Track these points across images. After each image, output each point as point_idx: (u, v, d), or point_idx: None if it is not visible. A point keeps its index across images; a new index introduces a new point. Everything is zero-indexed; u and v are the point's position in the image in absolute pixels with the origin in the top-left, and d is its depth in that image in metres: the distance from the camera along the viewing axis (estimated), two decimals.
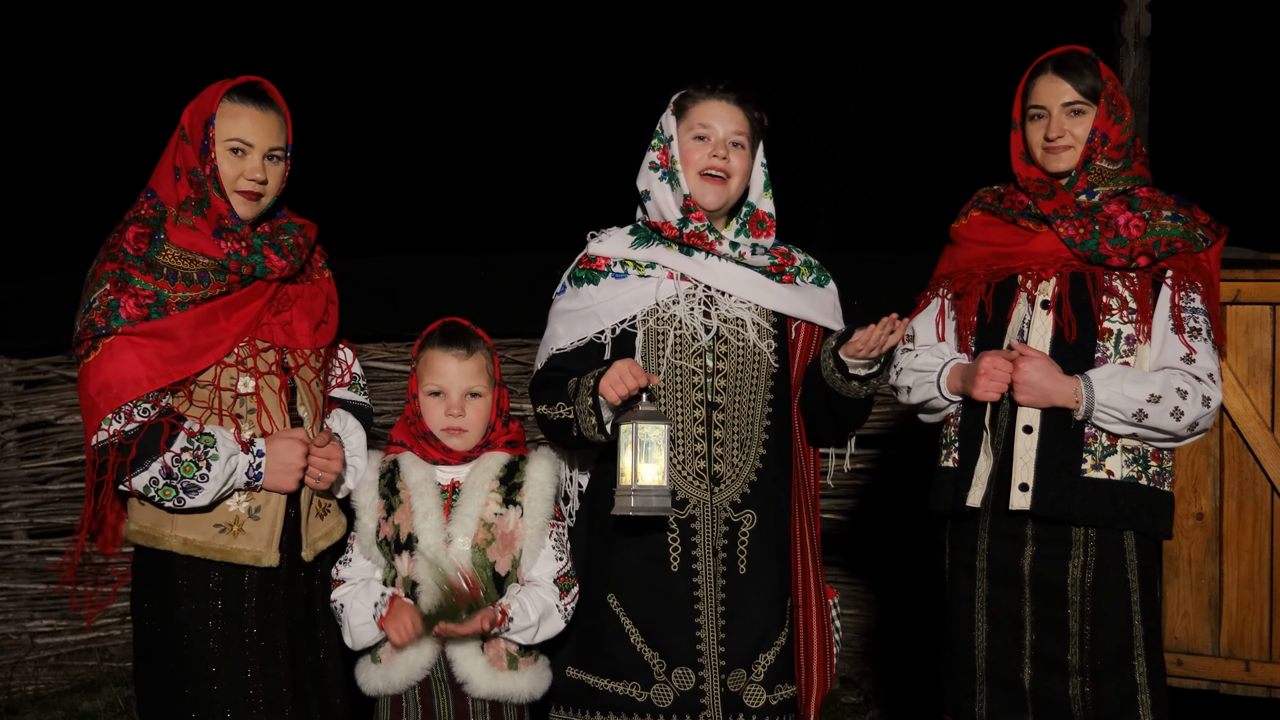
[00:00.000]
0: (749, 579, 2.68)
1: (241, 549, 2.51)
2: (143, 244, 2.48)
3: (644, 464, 2.55)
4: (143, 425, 2.41)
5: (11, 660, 4.82)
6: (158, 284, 2.46)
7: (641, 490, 2.54)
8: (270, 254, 2.56)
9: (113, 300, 2.43)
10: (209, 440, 2.44)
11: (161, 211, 2.54)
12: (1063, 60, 2.74)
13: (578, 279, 2.82)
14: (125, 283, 2.44)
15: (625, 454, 2.56)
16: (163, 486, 2.42)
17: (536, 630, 2.62)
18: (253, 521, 2.52)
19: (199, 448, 2.43)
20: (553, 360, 2.81)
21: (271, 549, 2.54)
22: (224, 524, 2.51)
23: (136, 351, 2.43)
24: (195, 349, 2.47)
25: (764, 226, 2.78)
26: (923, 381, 2.87)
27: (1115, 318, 2.70)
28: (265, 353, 2.56)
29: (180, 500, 2.43)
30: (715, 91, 2.74)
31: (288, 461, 2.51)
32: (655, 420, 2.56)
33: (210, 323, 2.49)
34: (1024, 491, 2.68)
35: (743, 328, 2.72)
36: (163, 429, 2.41)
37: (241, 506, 2.52)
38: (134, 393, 2.41)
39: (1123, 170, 2.74)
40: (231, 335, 2.51)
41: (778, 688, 2.68)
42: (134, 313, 2.43)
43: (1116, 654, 2.66)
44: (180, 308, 2.46)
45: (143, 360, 2.43)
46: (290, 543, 2.59)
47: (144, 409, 2.42)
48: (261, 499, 2.53)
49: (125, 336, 2.43)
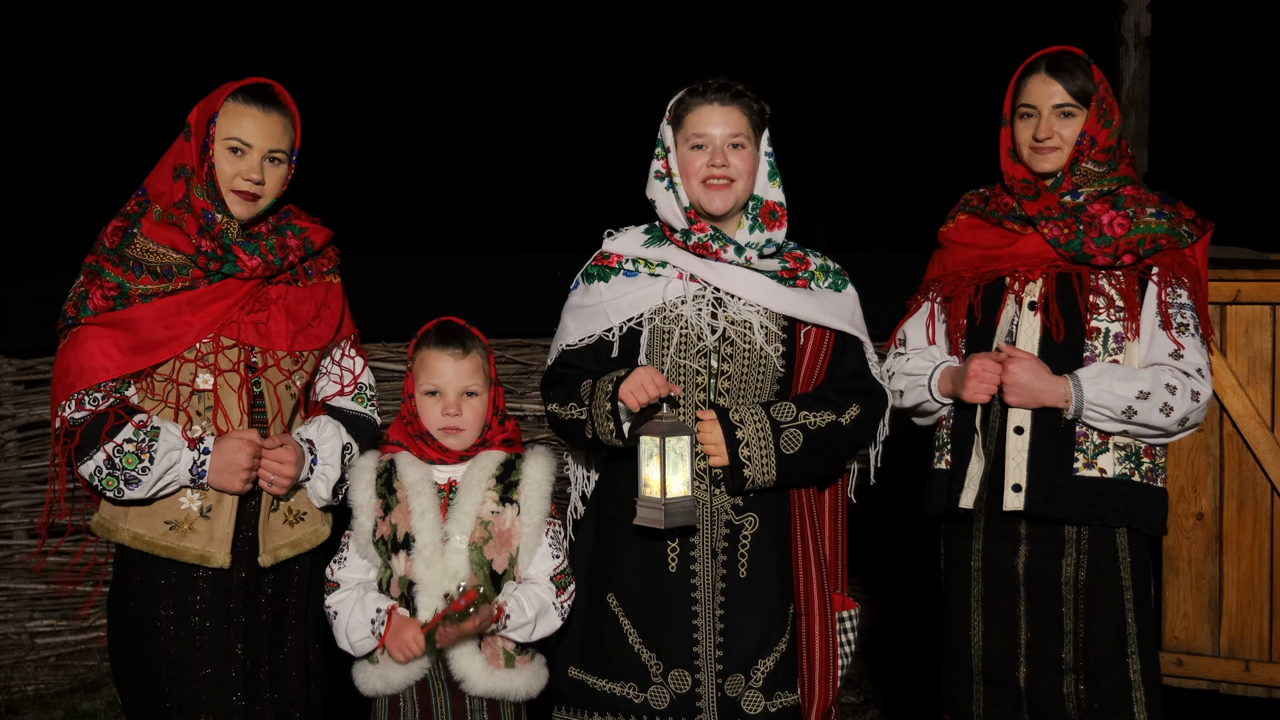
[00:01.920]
0: (749, 583, 2.67)
1: (189, 547, 2.51)
2: (116, 237, 2.53)
3: (671, 476, 2.54)
4: (91, 413, 2.44)
5: (11, 660, 4.82)
6: (124, 276, 2.49)
7: (672, 503, 2.54)
8: (240, 253, 2.55)
9: (83, 291, 2.49)
10: (154, 433, 2.45)
11: (144, 207, 2.56)
12: (1056, 61, 2.74)
13: (590, 276, 2.83)
14: (96, 274, 2.50)
15: (650, 466, 2.55)
16: (105, 476, 2.45)
17: (533, 628, 2.62)
18: (203, 520, 2.52)
19: (143, 440, 2.44)
20: (563, 356, 2.81)
21: (221, 550, 2.52)
22: (175, 521, 2.51)
23: (96, 342, 2.47)
24: (153, 341, 2.49)
25: (775, 217, 2.74)
26: (914, 385, 2.88)
27: (1103, 316, 2.71)
28: (229, 350, 2.55)
29: (120, 491, 2.46)
30: (707, 95, 2.70)
31: (232, 461, 2.49)
32: (679, 432, 2.55)
33: (172, 316, 2.50)
34: (1017, 492, 2.69)
35: (749, 330, 2.70)
36: (108, 418, 2.44)
37: (194, 505, 2.52)
38: (89, 381, 2.45)
39: (1108, 172, 2.75)
40: (193, 330, 2.51)
41: (777, 695, 2.67)
42: (99, 304, 2.47)
43: (1110, 651, 2.67)
44: (143, 299, 2.48)
45: (101, 350, 2.47)
46: (249, 547, 2.58)
47: (95, 398, 2.47)
48: (214, 499, 2.53)
49: (89, 326, 2.48)
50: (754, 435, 2.61)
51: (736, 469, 2.61)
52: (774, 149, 2.76)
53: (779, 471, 2.63)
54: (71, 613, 4.90)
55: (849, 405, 2.71)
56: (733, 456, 2.61)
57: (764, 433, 2.62)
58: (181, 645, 2.51)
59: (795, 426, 2.64)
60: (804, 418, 2.65)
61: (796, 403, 2.68)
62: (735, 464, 2.61)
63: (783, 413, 2.65)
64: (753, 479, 2.62)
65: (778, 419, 2.64)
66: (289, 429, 2.66)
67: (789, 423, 2.64)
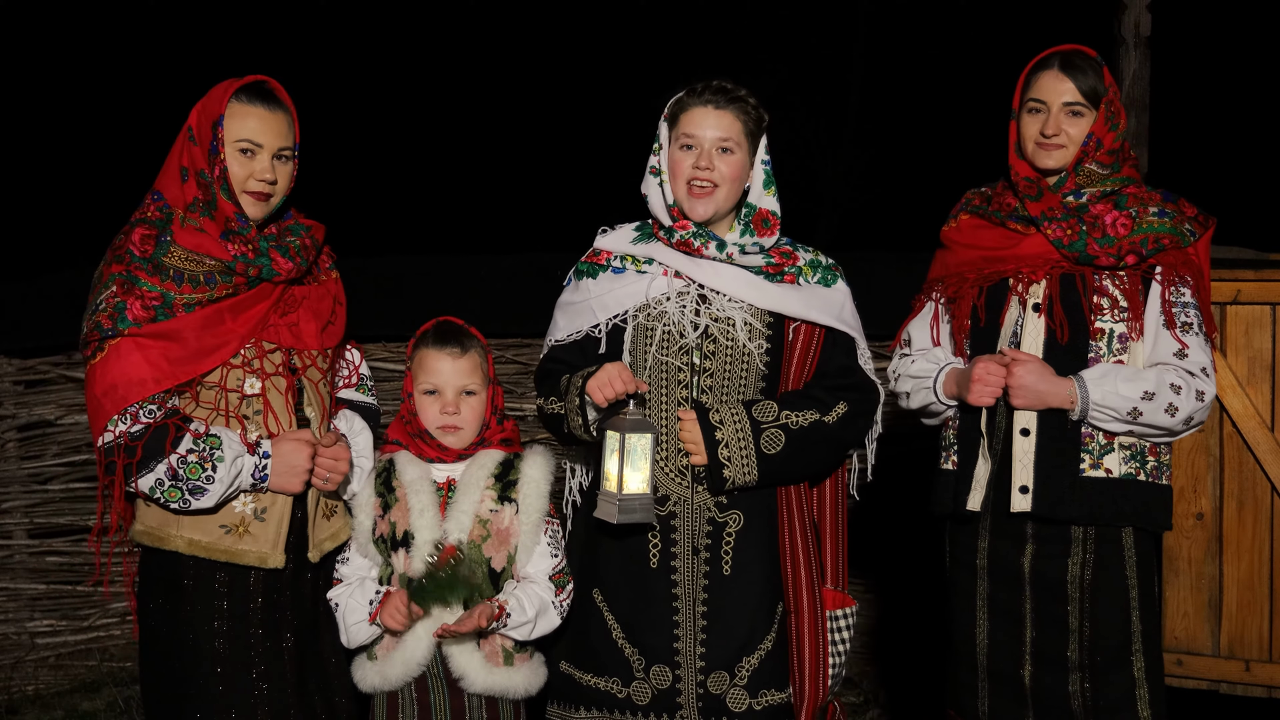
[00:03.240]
0: (733, 580, 2.66)
1: (247, 550, 2.51)
2: (149, 246, 2.48)
3: (630, 471, 2.56)
4: (148, 427, 2.41)
5: (11, 660, 4.82)
6: (164, 286, 2.45)
7: (626, 499, 2.56)
8: (277, 256, 2.56)
9: (119, 302, 2.43)
10: (215, 442, 2.44)
11: (168, 213, 2.53)
12: (1069, 59, 2.73)
13: (580, 272, 2.85)
14: (132, 284, 2.44)
15: (611, 460, 2.57)
16: (168, 488, 2.42)
17: (533, 626, 2.63)
18: (258, 523, 2.52)
19: (204, 449, 2.43)
20: (552, 351, 2.83)
21: (277, 550, 2.54)
22: (230, 525, 2.51)
23: (143, 353, 2.43)
24: (201, 350, 2.47)
25: (768, 225, 2.75)
26: (919, 388, 2.88)
27: (1107, 317, 2.71)
28: (272, 354, 2.56)
29: (185, 502, 2.43)
30: (704, 96, 2.70)
31: (293, 463, 2.51)
32: (642, 429, 2.56)
33: (216, 324, 2.49)
34: (1024, 494, 2.69)
35: (732, 327, 2.70)
36: (168, 430, 2.41)
37: (247, 508, 2.52)
38: (140, 394, 2.41)
39: (1112, 174, 2.75)
40: (238, 336, 2.51)
41: (763, 693, 2.66)
42: (140, 314, 2.42)
43: (1115, 650, 2.67)
44: (187, 309, 2.46)
45: (149, 361, 2.42)
46: (296, 544, 2.59)
47: (150, 410, 2.42)
48: (267, 500, 2.53)
49: (131, 338, 2.43)
50: (734, 435, 2.62)
51: (716, 469, 2.62)
52: (774, 152, 2.76)
53: (760, 472, 2.63)
54: (71, 613, 4.90)
55: (835, 403, 2.70)
56: (712, 456, 2.61)
57: (744, 433, 2.62)
58: (235, 645, 2.51)
59: (777, 426, 2.64)
60: (786, 417, 2.65)
61: (780, 402, 2.68)
62: (715, 464, 2.62)
63: (764, 412, 2.65)
64: (733, 479, 2.63)
65: (759, 419, 2.64)
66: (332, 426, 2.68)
67: (770, 422, 2.64)
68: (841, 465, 2.90)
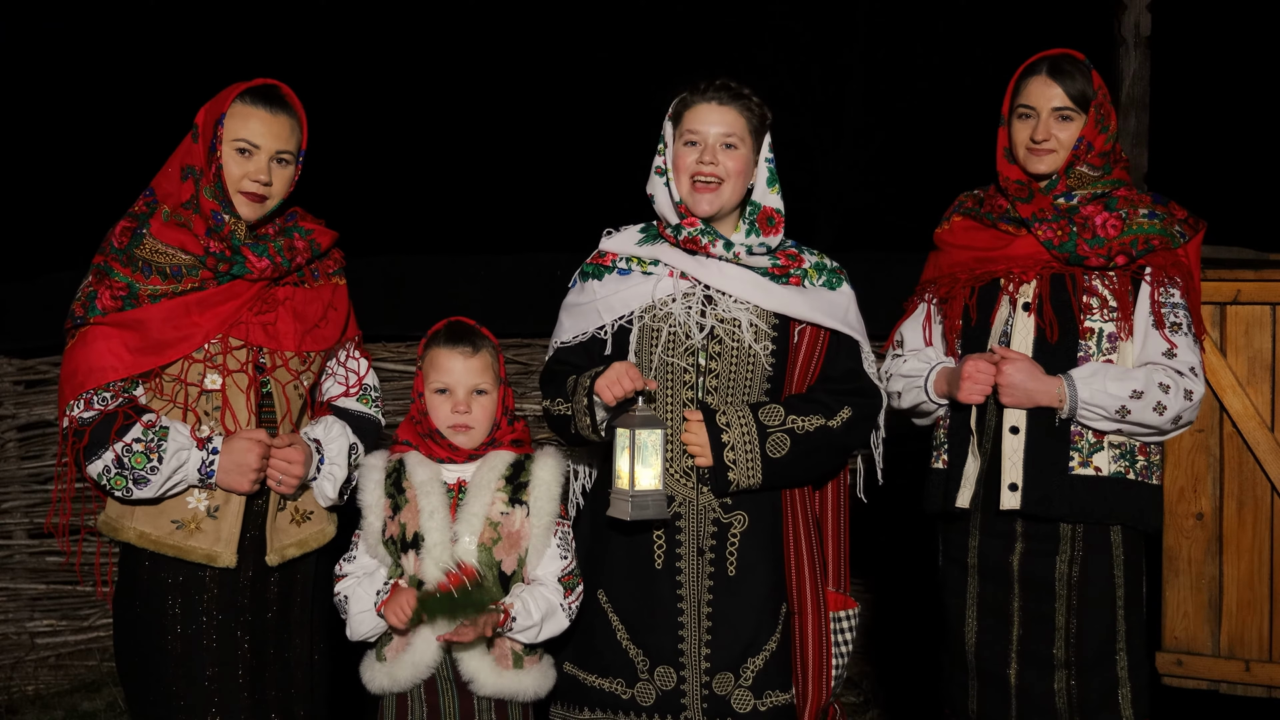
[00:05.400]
0: (738, 581, 2.67)
1: (195, 547, 2.51)
2: (125, 238, 2.53)
3: (641, 468, 2.56)
4: (100, 413, 2.45)
5: (11, 660, 4.82)
6: (133, 276, 2.50)
7: (639, 495, 2.56)
8: (250, 254, 2.55)
9: (92, 291, 2.50)
10: (163, 433, 2.46)
11: (152, 207, 2.57)
12: (1057, 63, 2.75)
13: (585, 274, 2.85)
14: (105, 274, 2.50)
15: (622, 458, 2.58)
16: (114, 476, 2.45)
17: (540, 629, 2.62)
18: (210, 520, 2.53)
19: (152, 439, 2.45)
20: (557, 353, 2.84)
21: (228, 550, 2.53)
22: (181, 520, 2.52)
23: (105, 342, 2.48)
24: (163, 342, 2.50)
25: (772, 223, 2.75)
26: (911, 387, 2.89)
27: (1096, 317, 2.73)
28: (237, 351, 2.56)
29: (129, 490, 2.46)
30: (707, 93, 2.72)
31: (241, 461, 2.50)
32: (652, 425, 2.56)
33: (181, 317, 2.51)
34: (1014, 491, 2.70)
35: (738, 328, 2.71)
36: (116, 418, 2.45)
37: (201, 504, 2.53)
38: (97, 381, 2.46)
39: (1102, 176, 2.77)
40: (202, 331, 2.52)
41: (767, 694, 2.66)
42: (108, 304, 2.47)
43: (1100, 648, 2.69)
44: (152, 300, 2.49)
45: (110, 350, 2.47)
46: (256, 546, 2.58)
47: (104, 398, 2.47)
48: (221, 498, 2.54)
49: (97, 326, 2.48)
50: (740, 439, 2.62)
51: (721, 471, 2.62)
52: (774, 151, 2.76)
53: (764, 475, 2.64)
54: (72, 613, 4.90)
55: (840, 408, 2.71)
56: (717, 459, 2.62)
57: (750, 436, 2.62)
58: (188, 644, 2.51)
59: (782, 431, 2.64)
60: (791, 421, 2.66)
61: (786, 405, 2.69)
62: (720, 466, 2.62)
63: (770, 416, 2.65)
64: (737, 482, 2.63)
65: (765, 422, 2.64)
66: (296, 429, 2.67)
67: (776, 426, 2.64)
68: (844, 468, 2.90)
